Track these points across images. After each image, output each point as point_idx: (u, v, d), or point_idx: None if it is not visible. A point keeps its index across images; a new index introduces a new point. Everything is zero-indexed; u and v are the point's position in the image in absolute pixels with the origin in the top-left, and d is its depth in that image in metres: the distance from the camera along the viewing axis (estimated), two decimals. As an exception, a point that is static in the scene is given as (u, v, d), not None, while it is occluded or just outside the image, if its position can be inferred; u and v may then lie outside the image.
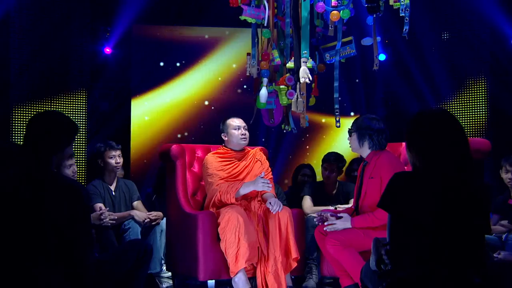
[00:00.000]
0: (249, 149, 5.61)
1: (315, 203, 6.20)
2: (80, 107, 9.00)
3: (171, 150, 5.45)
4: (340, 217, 4.93)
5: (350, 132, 5.06)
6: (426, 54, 9.36)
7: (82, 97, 9.03)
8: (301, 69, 5.46)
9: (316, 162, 8.44)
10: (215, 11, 9.18)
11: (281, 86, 5.80)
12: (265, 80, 5.71)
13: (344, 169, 6.60)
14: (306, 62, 5.49)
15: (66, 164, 5.13)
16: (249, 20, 5.85)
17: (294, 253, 5.08)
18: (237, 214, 4.99)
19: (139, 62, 9.44)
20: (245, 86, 9.54)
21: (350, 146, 5.10)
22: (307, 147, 9.62)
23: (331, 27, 5.55)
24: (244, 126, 5.50)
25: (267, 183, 5.09)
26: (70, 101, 8.94)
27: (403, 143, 5.56)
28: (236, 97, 9.48)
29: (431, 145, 2.95)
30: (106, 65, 9.45)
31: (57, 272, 3.26)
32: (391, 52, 9.67)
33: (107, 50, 9.42)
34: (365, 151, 5.00)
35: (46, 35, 8.69)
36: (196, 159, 5.66)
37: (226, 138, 5.51)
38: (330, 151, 6.71)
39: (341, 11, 5.38)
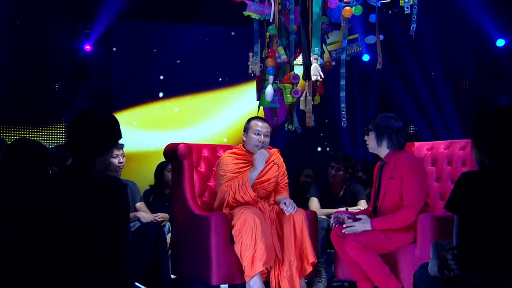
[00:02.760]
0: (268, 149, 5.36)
1: (322, 205, 6.03)
2: (59, 106, 8.74)
3: (178, 149, 5.23)
4: (358, 219, 4.79)
5: (367, 131, 4.91)
6: (414, 53, 9.34)
7: (62, 96, 8.77)
8: (312, 66, 5.33)
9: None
10: (207, 8, 9.01)
11: (286, 84, 5.67)
12: (271, 77, 5.57)
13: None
14: (318, 59, 5.37)
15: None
16: (253, 15, 5.72)
17: (311, 257, 4.89)
18: (254, 215, 4.79)
19: (120, 61, 9.19)
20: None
21: (367, 145, 4.94)
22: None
23: (344, 23, 5.42)
24: (266, 132, 5.23)
25: (261, 153, 4.98)
26: (49, 100, 8.70)
27: (416, 143, 5.46)
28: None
29: (501, 142, 2.81)
30: (86, 63, 9.15)
31: (95, 275, 3.06)
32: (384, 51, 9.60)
33: (87, 47, 9.12)
34: (384, 151, 4.86)
35: (24, 31, 8.43)
36: (203, 159, 5.44)
37: (245, 139, 5.28)
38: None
39: (354, 7, 5.28)
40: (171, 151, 5.30)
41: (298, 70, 5.67)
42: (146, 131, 9.16)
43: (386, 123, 4.82)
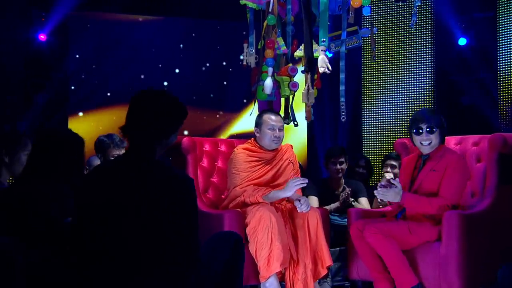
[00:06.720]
0: (281, 145, 5.12)
1: (321, 202, 5.81)
2: (13, 98, 8.25)
3: (182, 143, 4.94)
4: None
5: (431, 128, 4.71)
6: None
7: (15, 88, 8.28)
8: (319, 58, 5.20)
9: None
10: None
11: (284, 77, 5.48)
12: (270, 69, 5.38)
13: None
14: (324, 51, 5.19)
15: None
16: (250, 5, 5.57)
17: (328, 261, 4.69)
18: (269, 212, 4.53)
19: (78, 52, 8.76)
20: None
21: (430, 143, 4.71)
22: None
23: (352, 14, 5.25)
24: (280, 127, 4.97)
25: (300, 180, 4.67)
26: (2, 92, 8.20)
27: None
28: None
29: None
30: (41, 53, 8.64)
31: (160, 279, 2.76)
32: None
33: (42, 37, 8.62)
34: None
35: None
36: (205, 154, 5.16)
37: (258, 135, 4.99)
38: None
39: (363, -3, 5.12)
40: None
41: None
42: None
43: (443, 122, 4.77)
